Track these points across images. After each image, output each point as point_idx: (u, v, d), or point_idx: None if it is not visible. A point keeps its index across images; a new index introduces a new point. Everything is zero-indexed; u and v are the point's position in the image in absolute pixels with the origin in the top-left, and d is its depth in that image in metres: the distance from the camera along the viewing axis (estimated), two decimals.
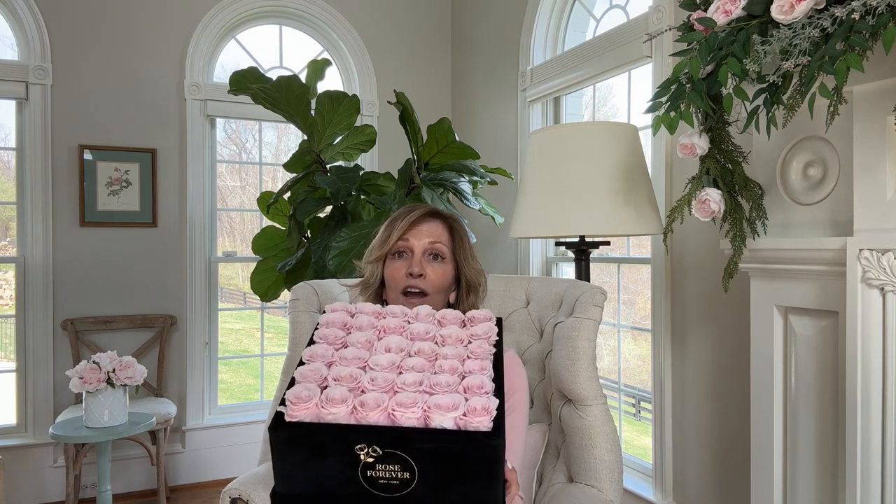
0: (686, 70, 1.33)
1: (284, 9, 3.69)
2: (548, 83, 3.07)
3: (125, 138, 3.39)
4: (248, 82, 2.70)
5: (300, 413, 0.89)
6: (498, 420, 0.88)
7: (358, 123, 3.03)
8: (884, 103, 1.23)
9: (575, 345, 1.48)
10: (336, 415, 0.89)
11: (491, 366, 1.00)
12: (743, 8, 1.25)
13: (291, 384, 0.96)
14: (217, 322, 3.63)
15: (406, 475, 0.87)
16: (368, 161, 3.82)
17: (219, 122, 3.73)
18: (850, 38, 1.06)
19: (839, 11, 1.09)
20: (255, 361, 7.86)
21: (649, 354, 2.51)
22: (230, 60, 3.72)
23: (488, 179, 2.77)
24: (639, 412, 5.14)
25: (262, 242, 3.01)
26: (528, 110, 3.24)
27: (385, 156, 3.85)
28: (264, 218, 3.24)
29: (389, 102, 2.84)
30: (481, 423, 0.87)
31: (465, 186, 2.73)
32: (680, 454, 2.38)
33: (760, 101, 1.27)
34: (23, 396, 3.24)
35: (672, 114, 1.36)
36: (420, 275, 1.26)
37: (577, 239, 2.14)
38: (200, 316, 3.51)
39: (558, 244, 2.25)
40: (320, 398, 0.91)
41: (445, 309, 1.14)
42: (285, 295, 3.15)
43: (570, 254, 2.89)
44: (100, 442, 2.56)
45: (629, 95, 2.80)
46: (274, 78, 2.64)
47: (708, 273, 2.24)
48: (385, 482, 0.87)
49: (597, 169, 1.91)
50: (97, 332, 3.32)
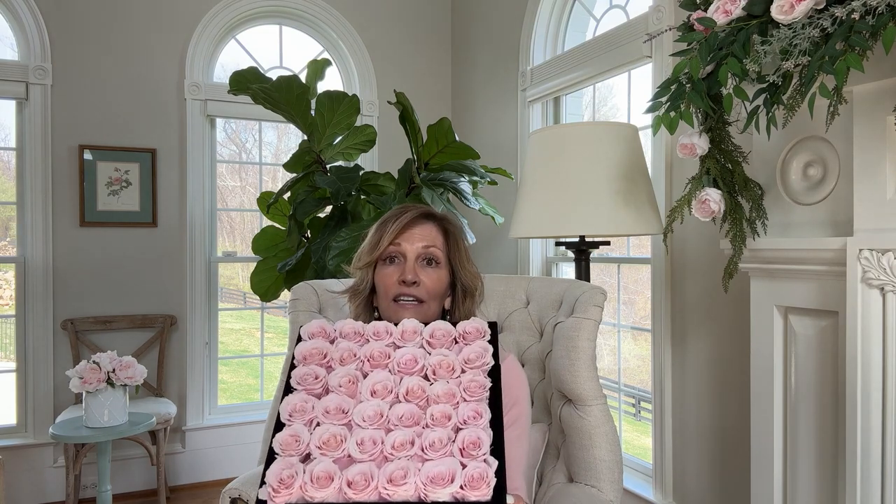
0: (686, 70, 1.33)
1: (284, 9, 3.69)
2: (548, 83, 3.07)
3: (125, 138, 3.39)
4: (248, 82, 2.70)
5: (283, 499, 0.85)
6: (498, 487, 0.83)
7: (358, 123, 3.03)
8: (884, 103, 1.23)
9: (575, 345, 1.48)
10: (323, 497, 0.84)
11: (487, 407, 0.94)
12: (743, 8, 1.25)
13: (271, 457, 0.90)
14: (217, 322, 3.63)
15: None
16: (368, 161, 3.82)
17: (219, 122, 3.73)
18: (850, 38, 1.06)
19: (839, 11, 1.09)
20: (255, 361, 7.86)
21: (649, 354, 2.51)
22: (230, 60, 3.73)
23: (488, 179, 2.77)
24: (639, 412, 5.14)
25: (262, 242, 3.01)
26: (528, 110, 3.24)
27: (385, 156, 3.85)
28: (264, 218, 3.24)
29: (389, 102, 2.84)
30: (481, 496, 0.82)
31: (465, 186, 2.73)
32: (680, 454, 2.38)
33: (760, 101, 1.27)
34: (23, 396, 3.24)
35: (672, 114, 1.36)
36: (413, 282, 1.18)
37: (577, 239, 2.14)
38: (200, 316, 3.51)
39: (558, 244, 2.25)
40: (304, 479, 0.86)
41: (434, 323, 1.08)
42: (285, 295, 3.15)
43: (570, 254, 2.89)
44: (100, 442, 2.56)
45: (629, 95, 2.80)
46: (274, 78, 2.64)
47: (708, 273, 2.24)
48: None
49: (597, 169, 1.91)
50: (97, 332, 3.32)
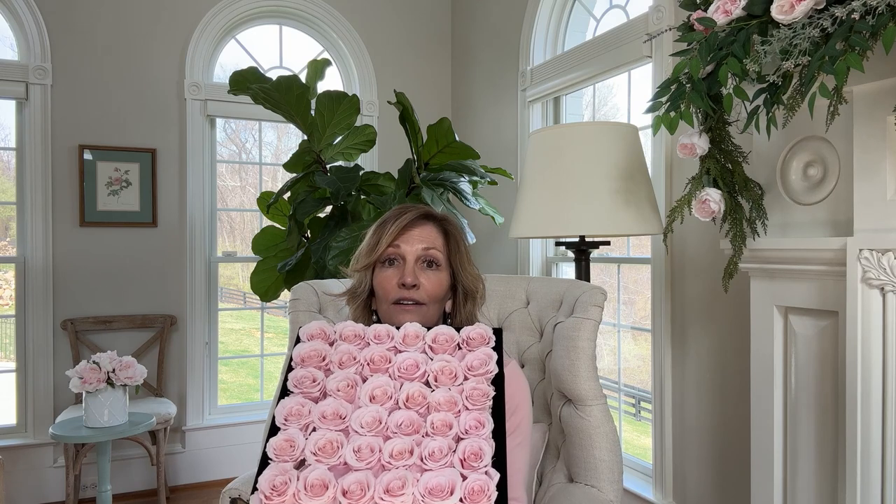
0: (686, 70, 1.33)
1: (284, 9, 3.69)
2: (548, 83, 3.07)
3: (125, 138, 3.39)
4: (248, 82, 2.70)
5: None
6: (500, 500, 0.82)
7: (358, 123, 3.03)
8: (884, 103, 1.23)
9: (575, 345, 1.48)
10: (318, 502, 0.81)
11: (490, 417, 0.92)
12: (743, 8, 1.25)
13: (264, 463, 0.88)
14: (217, 322, 3.63)
15: None
16: (368, 161, 3.82)
17: (219, 122, 3.73)
18: (850, 38, 1.06)
19: (839, 11, 1.09)
20: (255, 361, 7.86)
21: (649, 354, 2.51)
22: (230, 60, 3.73)
23: (488, 179, 2.77)
24: (639, 412, 5.14)
25: (262, 242, 3.01)
26: (528, 110, 3.24)
27: (385, 156, 3.85)
28: (264, 218, 3.24)
29: (389, 102, 2.84)
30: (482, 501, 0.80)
31: (465, 186, 2.73)
32: (680, 454, 2.38)
33: (760, 101, 1.27)
34: (23, 396, 3.24)
35: (672, 114, 1.36)
36: (413, 285, 1.14)
37: (577, 239, 2.14)
38: (200, 316, 3.51)
39: (558, 244, 2.25)
40: (297, 486, 0.83)
41: (437, 328, 1.05)
42: (285, 295, 3.15)
43: (570, 254, 2.89)
44: (100, 442, 2.57)
45: (629, 95, 2.79)
46: (274, 78, 2.64)
47: (708, 273, 2.24)
48: None
49: (597, 169, 1.91)
50: (97, 332, 3.32)
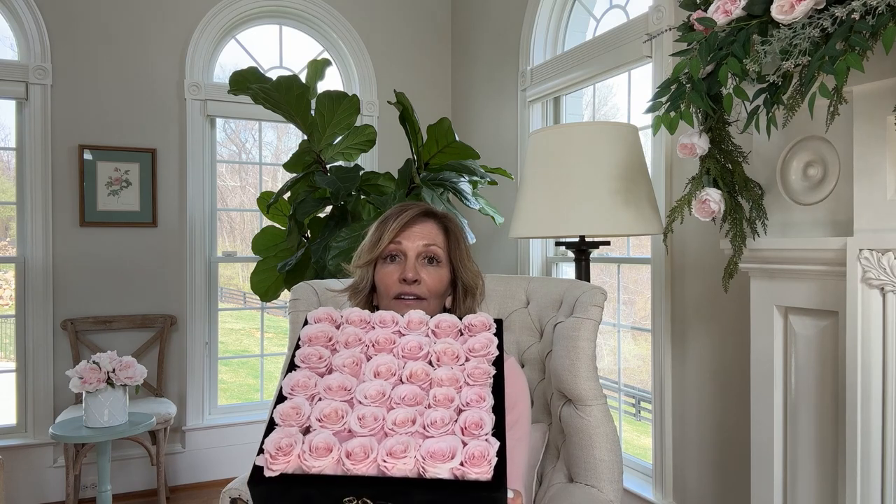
0: (686, 70, 1.33)
1: (284, 9, 3.69)
2: (548, 83, 3.07)
3: (125, 138, 3.39)
4: (248, 82, 2.70)
5: (280, 466, 0.82)
6: (499, 467, 0.81)
7: (358, 123, 3.03)
8: (884, 103, 1.23)
9: (575, 345, 1.48)
10: (321, 468, 0.82)
11: (490, 393, 0.93)
12: (743, 8, 1.26)
13: (270, 427, 0.88)
14: (217, 322, 3.63)
15: None
16: (368, 161, 3.82)
17: (219, 122, 3.73)
18: (850, 38, 1.06)
19: (839, 11, 1.09)
20: (255, 361, 7.86)
21: (649, 354, 2.51)
22: (230, 60, 3.73)
23: (488, 179, 2.77)
24: (639, 412, 5.14)
25: (262, 242, 3.01)
26: (528, 110, 3.24)
27: (385, 156, 3.85)
28: (264, 218, 3.24)
29: (389, 102, 2.84)
30: (481, 474, 0.80)
31: (465, 186, 2.73)
32: (680, 454, 2.38)
33: (760, 101, 1.27)
34: (23, 396, 3.24)
35: (672, 114, 1.36)
36: (415, 280, 1.18)
37: (577, 239, 2.14)
38: (200, 316, 3.51)
39: (558, 244, 2.25)
40: (303, 448, 0.84)
41: (440, 315, 1.07)
42: (285, 295, 3.15)
43: (570, 254, 2.89)
44: (100, 442, 2.56)
45: (629, 95, 2.79)
46: (274, 78, 2.64)
47: (708, 273, 2.24)
48: None
49: (597, 169, 1.91)
50: (97, 332, 3.32)
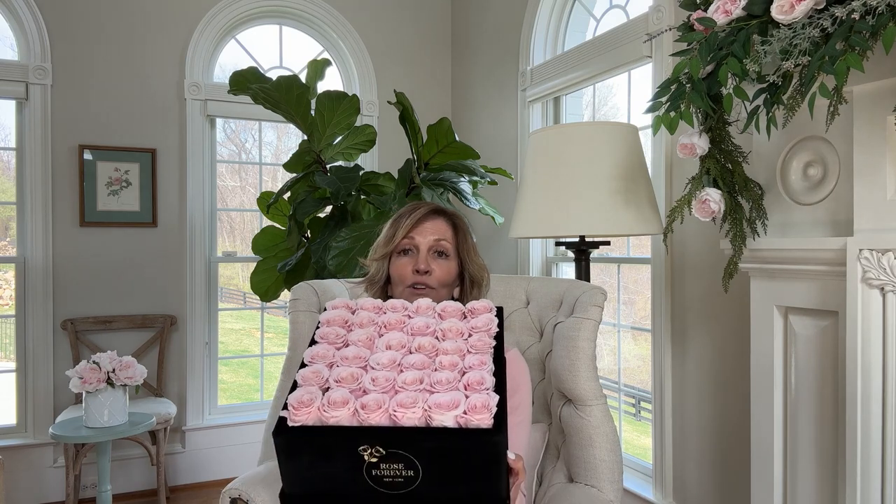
0: (686, 70, 1.33)
1: (284, 9, 3.69)
2: (548, 83, 3.07)
3: (125, 138, 3.39)
4: (248, 82, 2.70)
5: (302, 417, 0.91)
6: (499, 416, 0.89)
7: (358, 123, 3.03)
8: (884, 103, 1.23)
9: (575, 345, 1.48)
10: (338, 418, 0.90)
11: (491, 360, 1.01)
12: (743, 8, 1.26)
13: (294, 388, 0.97)
14: (217, 322, 3.63)
15: (410, 473, 0.89)
16: (368, 161, 3.82)
17: (219, 122, 3.73)
18: (850, 38, 1.06)
19: (839, 11, 1.09)
20: (255, 361, 7.86)
21: (649, 354, 2.51)
22: (230, 60, 3.73)
23: (488, 179, 2.77)
24: (639, 412, 5.15)
25: (262, 242, 3.01)
26: (528, 110, 3.24)
27: (385, 156, 3.85)
28: (264, 218, 3.24)
29: (389, 102, 2.84)
30: (482, 421, 0.88)
31: (465, 186, 2.73)
32: (680, 454, 2.38)
33: (760, 101, 1.27)
34: (23, 396, 3.24)
35: (672, 114, 1.36)
36: (426, 271, 1.29)
37: (577, 239, 2.14)
38: (200, 316, 3.51)
39: (558, 244, 2.25)
40: (322, 401, 0.92)
41: (445, 301, 1.15)
42: (285, 295, 3.15)
43: (570, 254, 2.89)
44: (100, 442, 2.56)
45: (629, 95, 2.79)
46: (274, 78, 2.64)
47: (708, 273, 2.24)
48: (390, 480, 0.90)
49: (597, 169, 1.91)
50: (97, 332, 3.32)
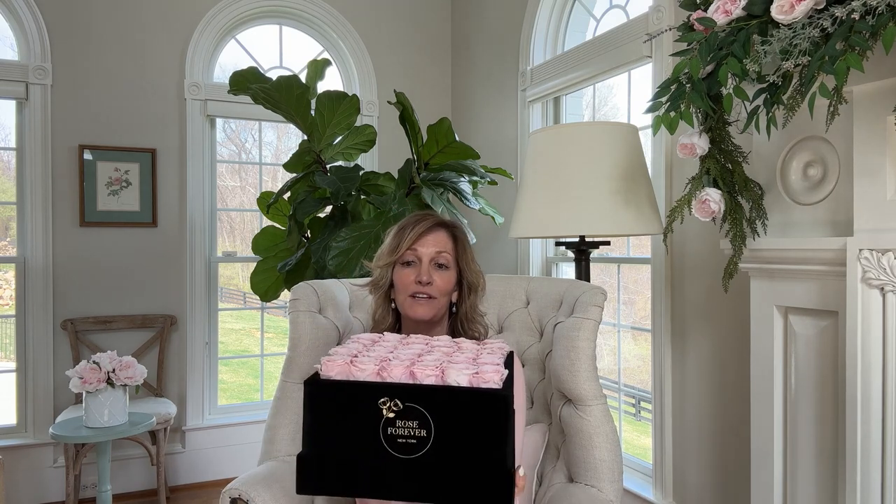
0: (686, 70, 1.33)
1: (284, 9, 3.69)
2: (548, 83, 3.07)
3: (125, 138, 3.39)
4: (248, 82, 2.70)
5: (334, 368, 1.03)
6: (507, 381, 1.01)
7: (358, 123, 3.03)
8: (884, 103, 1.23)
9: (575, 345, 1.48)
10: (365, 371, 1.02)
11: (503, 360, 1.11)
12: (743, 8, 1.26)
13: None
14: (217, 322, 3.63)
15: (423, 433, 0.97)
16: (368, 161, 3.82)
17: (219, 122, 3.73)
18: (850, 38, 1.06)
19: (839, 11, 1.09)
20: (255, 361, 7.86)
21: (649, 354, 2.51)
22: (230, 60, 3.72)
23: (488, 179, 2.77)
24: (639, 412, 5.15)
25: (262, 242, 3.01)
26: (528, 110, 3.24)
27: (385, 156, 3.85)
28: (264, 218, 3.24)
29: (389, 102, 2.84)
30: (491, 381, 0.99)
31: (465, 186, 2.73)
32: (680, 454, 2.38)
33: (760, 101, 1.27)
34: (23, 396, 3.24)
35: (672, 114, 1.36)
36: (428, 282, 1.38)
37: (577, 239, 2.14)
38: (200, 316, 3.51)
39: (558, 244, 2.25)
40: (352, 356, 1.06)
41: (461, 338, 1.27)
42: (285, 295, 3.15)
43: (570, 254, 2.89)
44: (100, 442, 2.56)
45: (629, 95, 2.79)
46: (274, 78, 2.64)
47: (708, 273, 2.24)
48: (403, 441, 0.98)
49: (597, 169, 1.91)
50: (97, 332, 3.32)
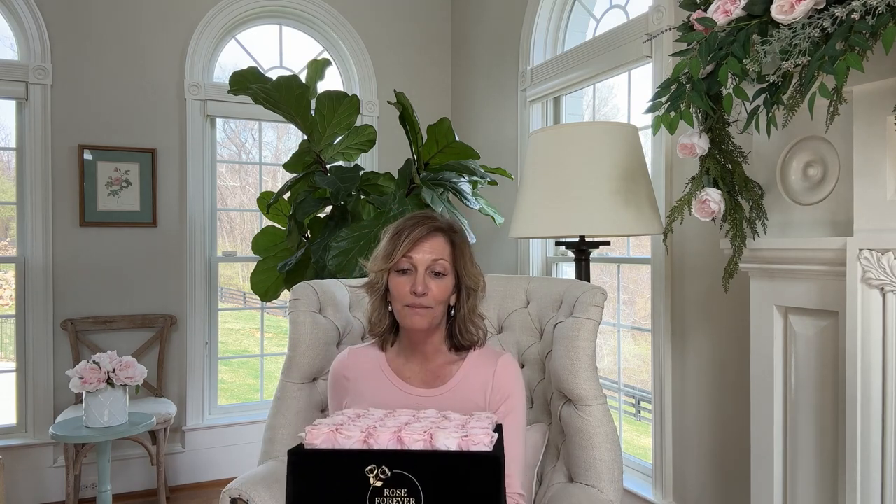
0: (686, 70, 1.33)
1: (284, 9, 3.69)
2: (548, 83, 3.07)
3: (125, 138, 3.39)
4: (248, 82, 2.69)
5: (318, 436, 0.99)
6: (498, 445, 0.97)
7: (358, 123, 3.03)
8: (884, 103, 1.23)
9: (575, 345, 1.48)
10: (351, 438, 1.00)
11: (492, 426, 1.08)
12: (743, 8, 1.26)
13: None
14: (217, 322, 3.63)
15: (412, 502, 0.94)
16: (368, 161, 3.82)
17: (219, 122, 3.73)
18: (850, 38, 1.06)
19: (839, 11, 1.09)
20: (255, 361, 7.86)
21: (649, 354, 2.51)
22: (230, 60, 3.72)
23: (488, 179, 2.77)
24: (639, 412, 5.15)
25: (262, 242, 3.01)
26: (528, 110, 3.24)
27: (385, 156, 3.85)
28: (264, 218, 3.24)
29: (389, 102, 2.84)
30: (482, 443, 0.96)
31: (465, 186, 2.73)
32: (680, 454, 2.38)
33: (760, 101, 1.27)
34: (23, 396, 3.24)
35: (672, 114, 1.36)
36: (424, 293, 1.33)
37: (577, 239, 2.14)
38: (200, 316, 3.51)
39: (558, 244, 2.25)
40: (337, 425, 1.02)
41: (449, 411, 1.25)
42: (285, 295, 3.15)
43: (570, 254, 2.89)
44: (100, 442, 2.56)
45: (629, 95, 2.79)
46: (274, 78, 2.64)
47: (708, 273, 2.24)
48: None
49: (597, 169, 1.91)
50: (97, 332, 3.32)
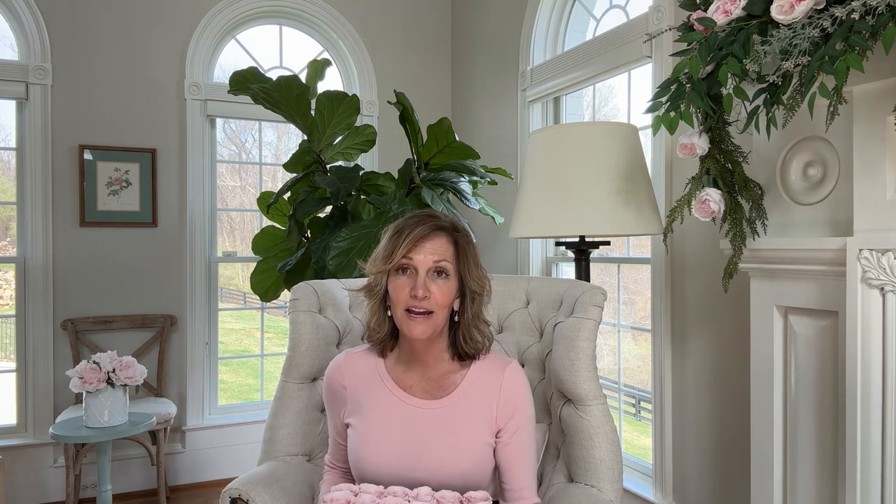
0: (686, 70, 1.33)
1: (284, 9, 3.69)
2: (548, 83, 3.07)
3: (125, 138, 3.39)
4: (248, 82, 2.69)
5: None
6: None
7: (358, 123, 3.03)
8: (884, 103, 1.23)
9: (575, 345, 1.48)
10: None
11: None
12: (743, 8, 1.26)
13: None
14: (217, 322, 3.63)
15: None
16: (368, 161, 3.82)
17: (219, 122, 3.73)
18: (850, 38, 1.06)
19: (839, 11, 1.09)
20: (255, 361, 7.86)
21: (649, 354, 2.51)
22: (230, 60, 3.72)
23: (488, 179, 2.77)
24: (639, 412, 5.15)
25: (262, 242, 3.01)
26: (528, 110, 3.24)
27: (385, 156, 3.85)
28: (264, 218, 3.24)
29: (389, 102, 2.84)
30: (482, 499, 0.97)
31: (465, 186, 2.73)
32: (680, 454, 2.38)
33: (760, 101, 1.27)
34: (23, 396, 3.24)
35: (672, 114, 1.36)
36: (424, 297, 1.25)
37: (577, 239, 2.14)
38: (200, 316, 3.51)
39: (558, 244, 2.25)
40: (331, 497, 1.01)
41: (443, 491, 1.22)
42: (285, 295, 3.15)
43: (570, 254, 2.89)
44: (100, 442, 2.56)
45: (629, 95, 2.79)
46: (274, 78, 2.64)
47: (708, 273, 2.24)
48: None
49: (597, 169, 1.91)
50: (97, 332, 3.32)
